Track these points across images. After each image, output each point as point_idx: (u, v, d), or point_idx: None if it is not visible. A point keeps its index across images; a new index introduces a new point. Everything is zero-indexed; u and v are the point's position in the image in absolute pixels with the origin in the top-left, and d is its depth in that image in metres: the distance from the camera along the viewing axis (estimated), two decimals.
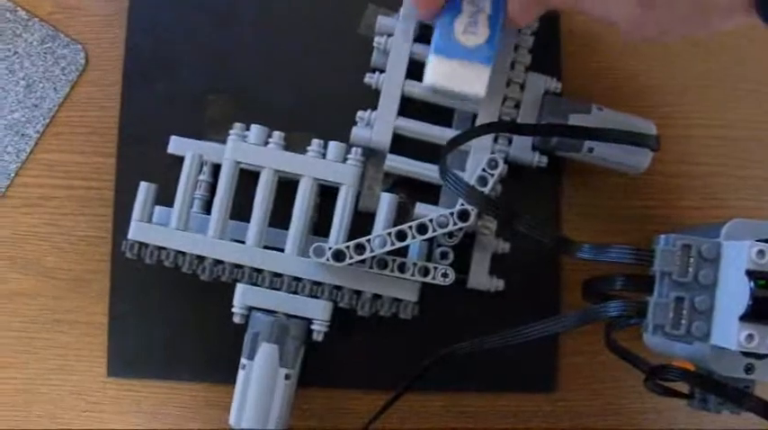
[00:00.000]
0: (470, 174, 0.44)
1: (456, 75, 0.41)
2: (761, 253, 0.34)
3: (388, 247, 0.42)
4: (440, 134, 0.45)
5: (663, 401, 0.46)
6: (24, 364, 0.49)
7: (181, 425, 0.49)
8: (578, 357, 0.50)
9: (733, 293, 0.34)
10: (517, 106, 0.45)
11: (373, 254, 0.42)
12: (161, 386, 0.49)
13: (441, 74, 0.41)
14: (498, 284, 0.47)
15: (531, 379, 0.49)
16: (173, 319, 0.49)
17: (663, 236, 0.37)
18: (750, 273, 0.34)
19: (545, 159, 0.46)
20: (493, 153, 0.44)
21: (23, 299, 0.49)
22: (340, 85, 0.49)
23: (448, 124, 0.47)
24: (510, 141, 0.46)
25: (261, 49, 0.50)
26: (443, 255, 0.45)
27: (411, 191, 0.47)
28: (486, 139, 0.45)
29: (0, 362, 0.49)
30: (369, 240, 0.42)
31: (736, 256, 0.35)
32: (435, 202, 0.46)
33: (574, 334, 0.49)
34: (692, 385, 0.41)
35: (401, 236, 0.42)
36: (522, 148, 0.45)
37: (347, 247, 0.42)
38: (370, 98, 0.46)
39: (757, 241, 0.35)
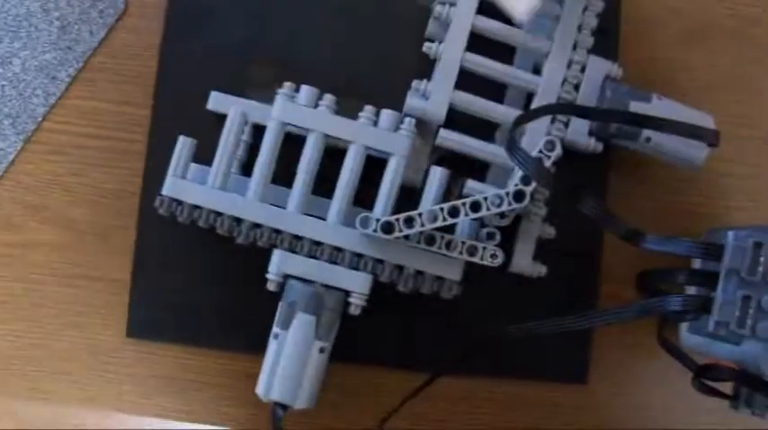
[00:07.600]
0: None
1: None
2: None
3: (439, 223, 0.40)
4: (497, 110, 0.44)
5: (691, 400, 0.46)
6: (40, 318, 0.47)
7: (200, 391, 0.47)
8: (611, 351, 0.49)
9: None
10: (576, 89, 0.44)
11: (423, 228, 0.40)
12: (181, 350, 0.47)
13: None
14: (541, 270, 0.45)
15: (563, 369, 0.48)
16: (198, 282, 0.47)
17: (731, 231, 0.36)
18: None
19: (600, 146, 0.44)
20: (549, 135, 0.43)
21: (42, 250, 0.47)
22: (389, 51, 0.47)
23: (500, 102, 0.45)
24: (566, 125, 0.44)
25: (309, 7, 0.48)
26: (490, 236, 0.43)
27: (452, 167, 0.46)
28: (543, 121, 0.43)
29: (15, 314, 0.47)
30: (420, 214, 0.40)
31: None
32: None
33: (607, 327, 0.48)
34: (740, 385, 0.40)
35: (453, 212, 0.40)
36: (579, 133, 0.44)
37: (397, 220, 0.40)
38: (422, 68, 0.45)
39: None
